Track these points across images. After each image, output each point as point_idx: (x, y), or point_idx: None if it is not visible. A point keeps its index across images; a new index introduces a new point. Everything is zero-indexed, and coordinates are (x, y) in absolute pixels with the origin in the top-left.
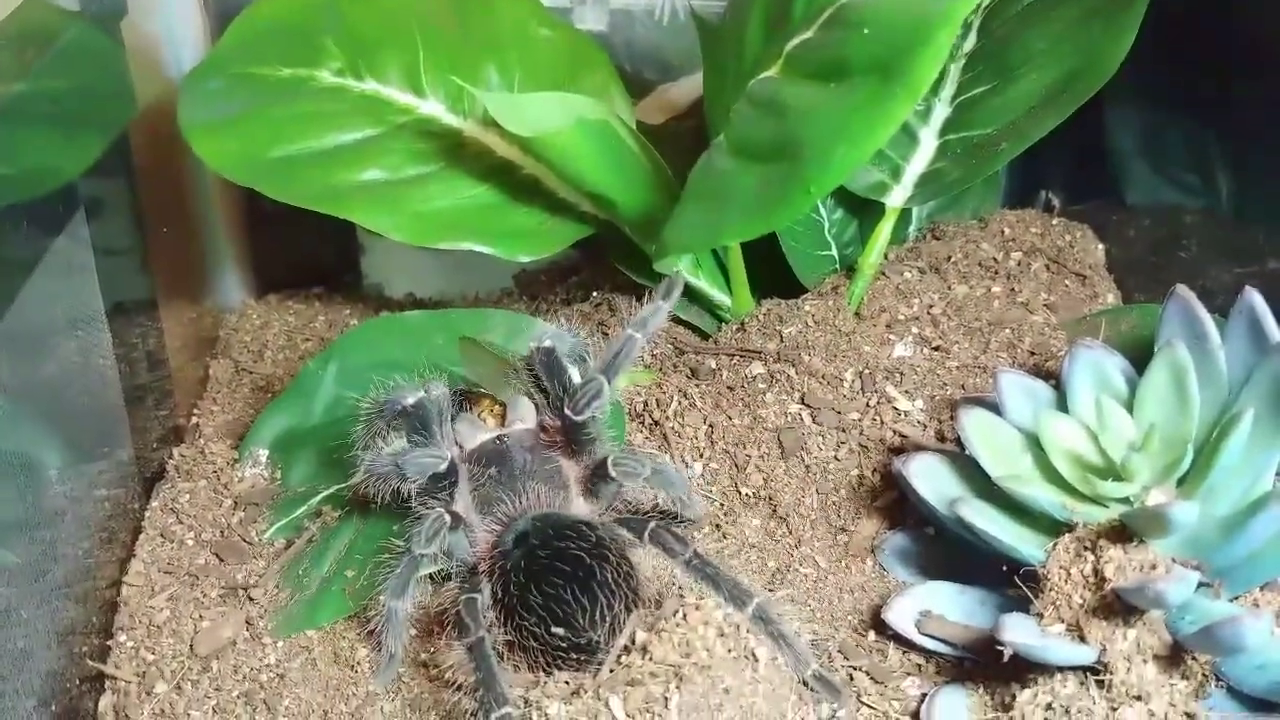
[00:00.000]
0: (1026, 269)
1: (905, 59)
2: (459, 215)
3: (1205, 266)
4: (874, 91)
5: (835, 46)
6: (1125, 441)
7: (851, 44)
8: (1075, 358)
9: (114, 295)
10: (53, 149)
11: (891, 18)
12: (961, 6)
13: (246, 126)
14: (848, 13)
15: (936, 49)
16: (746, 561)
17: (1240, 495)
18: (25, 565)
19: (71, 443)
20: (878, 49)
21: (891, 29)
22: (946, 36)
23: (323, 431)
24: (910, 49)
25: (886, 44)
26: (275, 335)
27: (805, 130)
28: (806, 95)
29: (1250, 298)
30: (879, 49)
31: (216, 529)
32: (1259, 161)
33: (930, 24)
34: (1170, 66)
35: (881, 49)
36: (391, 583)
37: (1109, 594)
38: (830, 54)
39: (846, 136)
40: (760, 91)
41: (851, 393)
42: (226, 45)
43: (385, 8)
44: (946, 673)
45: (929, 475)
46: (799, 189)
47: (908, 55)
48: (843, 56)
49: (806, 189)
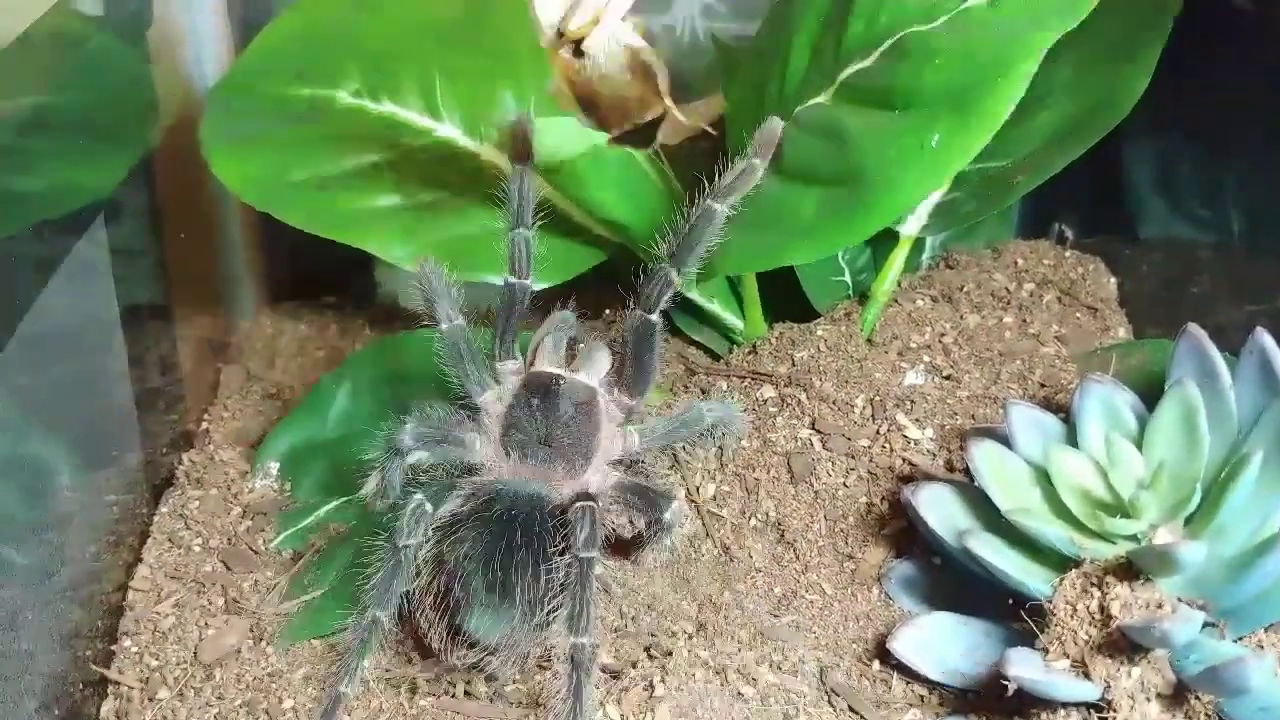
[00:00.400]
0: (1039, 300)
1: (982, 91)
2: (473, 244)
3: (1217, 302)
4: (948, 122)
5: (900, 75)
6: (1134, 479)
7: (920, 74)
8: (1086, 393)
9: (129, 299)
10: (78, 164)
11: (967, 48)
12: (1041, 39)
13: (266, 149)
14: (913, 42)
15: (1016, 81)
16: (753, 586)
17: (1248, 536)
18: (32, 567)
19: (82, 445)
20: (951, 79)
21: (966, 60)
22: (1027, 68)
23: (334, 446)
24: (988, 81)
25: (961, 74)
26: (287, 343)
27: (870, 157)
28: (870, 122)
29: (1261, 339)
30: (952, 79)
31: (224, 537)
32: (1272, 197)
33: (1010, 56)
34: (1185, 101)
35: (955, 79)
36: (376, 586)
37: (1114, 631)
38: (894, 82)
39: (918, 165)
40: (814, 117)
41: (862, 419)
42: (249, 60)
43: (401, 24)
44: (950, 705)
45: (937, 505)
46: (864, 213)
47: (985, 87)
48: (910, 86)
49: (872, 214)
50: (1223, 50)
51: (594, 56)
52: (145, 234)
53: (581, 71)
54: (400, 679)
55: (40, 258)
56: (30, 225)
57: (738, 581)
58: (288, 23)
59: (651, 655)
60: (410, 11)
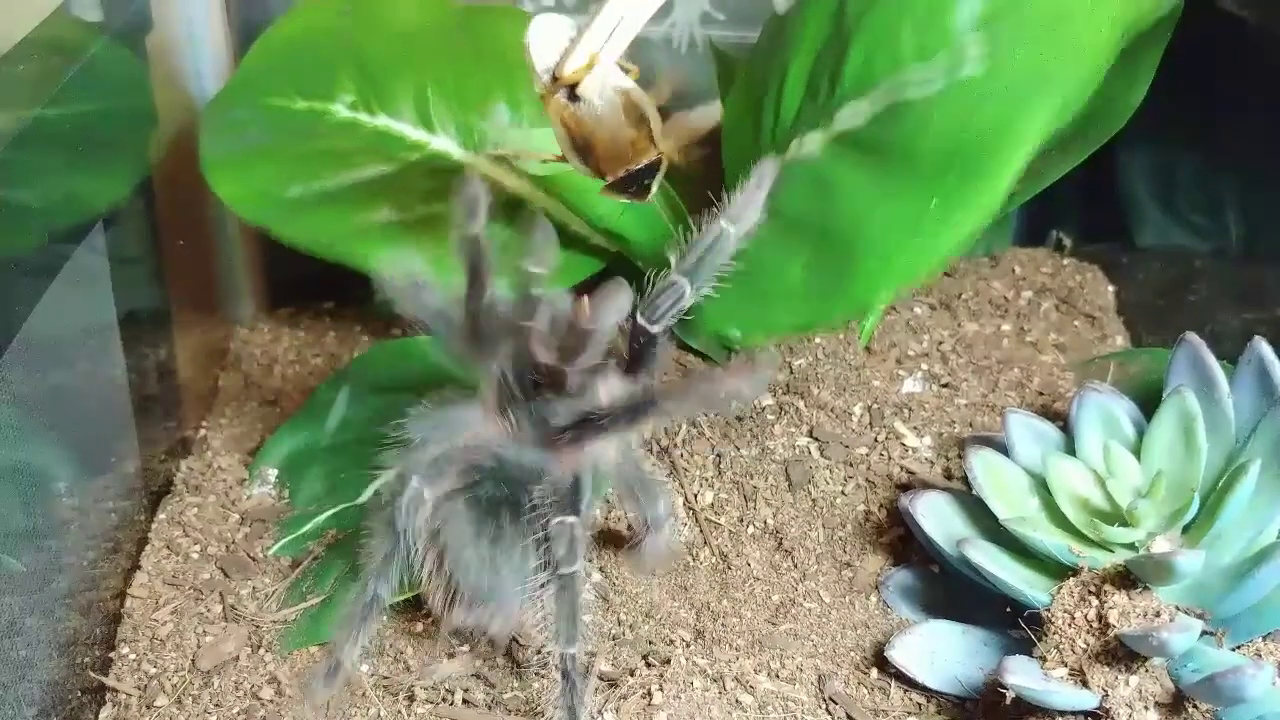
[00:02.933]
0: (1036, 308)
1: (987, 160)
2: None
3: (1215, 310)
4: (949, 192)
5: (897, 138)
6: (1132, 487)
7: (917, 137)
8: (1084, 401)
9: (127, 306)
10: (77, 173)
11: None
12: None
13: (263, 163)
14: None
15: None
16: (750, 594)
17: (1245, 545)
18: (30, 574)
19: (80, 452)
20: (950, 145)
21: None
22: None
23: (332, 453)
24: (991, 151)
25: (960, 141)
26: (285, 350)
27: (863, 222)
28: (861, 182)
29: (1259, 347)
30: (952, 145)
31: (222, 544)
32: (1270, 205)
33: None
34: (1183, 110)
35: (955, 145)
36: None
37: (1112, 640)
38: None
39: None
40: (803, 169)
41: (860, 427)
42: (247, 70)
43: (394, 35)
44: (947, 713)
45: (935, 514)
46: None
47: (990, 157)
48: (906, 149)
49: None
50: (1220, 60)
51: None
52: (144, 241)
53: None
54: (398, 686)
55: (39, 265)
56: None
57: (735, 589)
58: (284, 30)
59: (649, 663)
60: (403, 23)
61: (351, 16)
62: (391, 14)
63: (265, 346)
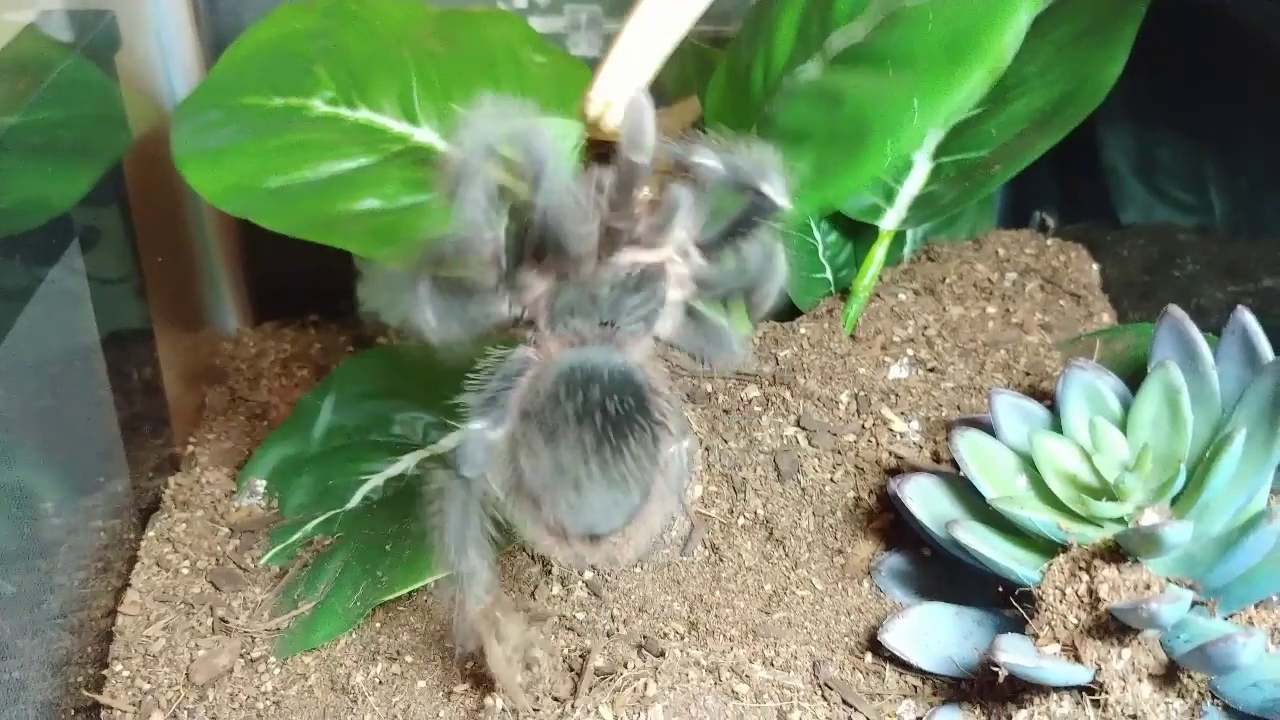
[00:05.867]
0: (1021, 289)
1: (980, 39)
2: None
3: (1199, 285)
4: (944, 70)
5: (895, 43)
6: (1119, 462)
7: (914, 39)
8: (1069, 379)
9: (109, 324)
10: (45, 181)
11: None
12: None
13: (240, 157)
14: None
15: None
16: (743, 584)
17: (1234, 514)
18: (20, 595)
19: (67, 472)
20: (945, 37)
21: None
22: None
23: (319, 461)
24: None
25: (954, 32)
26: (271, 363)
27: (871, 109)
28: (866, 83)
29: (1242, 317)
30: (947, 37)
31: (212, 557)
32: (1252, 179)
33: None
34: (1163, 85)
35: (949, 37)
36: (450, 540)
37: (1104, 614)
38: (889, 49)
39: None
40: (804, 84)
41: (847, 415)
42: (219, 74)
43: (376, 33)
44: (943, 694)
45: (924, 497)
46: (867, 159)
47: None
48: (903, 50)
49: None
50: (1199, 33)
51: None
52: (123, 258)
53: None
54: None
55: (14, 287)
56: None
57: (728, 580)
58: (258, 36)
59: (644, 656)
60: (384, 19)
61: (330, 17)
62: (373, 16)
63: (251, 360)
